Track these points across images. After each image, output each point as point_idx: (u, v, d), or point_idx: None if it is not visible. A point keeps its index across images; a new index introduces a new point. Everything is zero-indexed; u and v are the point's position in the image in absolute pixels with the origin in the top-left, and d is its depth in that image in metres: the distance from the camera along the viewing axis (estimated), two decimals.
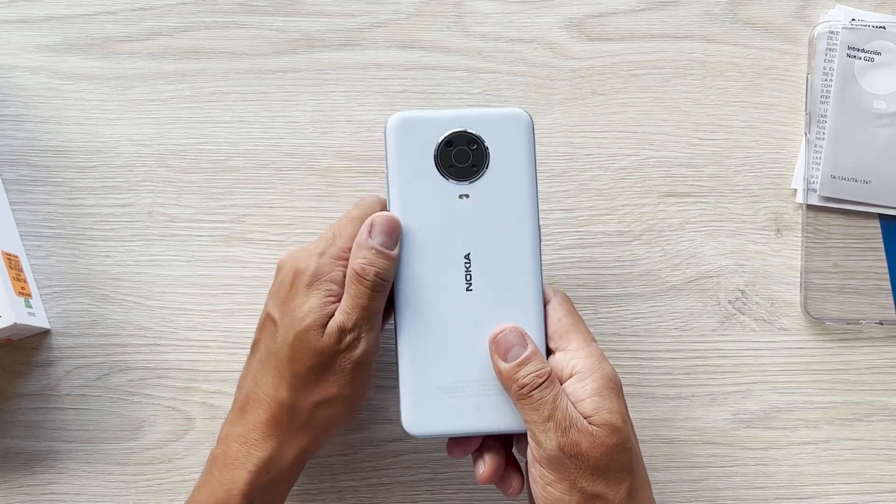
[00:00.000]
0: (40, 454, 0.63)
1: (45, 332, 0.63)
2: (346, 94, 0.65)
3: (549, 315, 0.54)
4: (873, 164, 0.63)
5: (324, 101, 0.65)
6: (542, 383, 0.52)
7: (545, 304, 0.55)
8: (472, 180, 0.54)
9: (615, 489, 0.51)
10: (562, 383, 0.52)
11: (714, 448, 0.63)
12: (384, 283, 0.53)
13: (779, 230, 0.64)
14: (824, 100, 0.63)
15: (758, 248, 0.64)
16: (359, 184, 0.64)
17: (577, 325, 0.54)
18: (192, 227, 0.64)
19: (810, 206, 0.63)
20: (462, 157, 0.54)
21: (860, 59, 0.63)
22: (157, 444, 0.63)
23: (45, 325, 0.63)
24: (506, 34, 0.65)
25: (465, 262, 0.54)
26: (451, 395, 0.54)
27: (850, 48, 0.63)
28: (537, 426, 0.51)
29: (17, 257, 0.62)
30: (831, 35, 0.63)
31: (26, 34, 0.65)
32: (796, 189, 0.64)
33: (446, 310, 0.54)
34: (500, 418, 0.54)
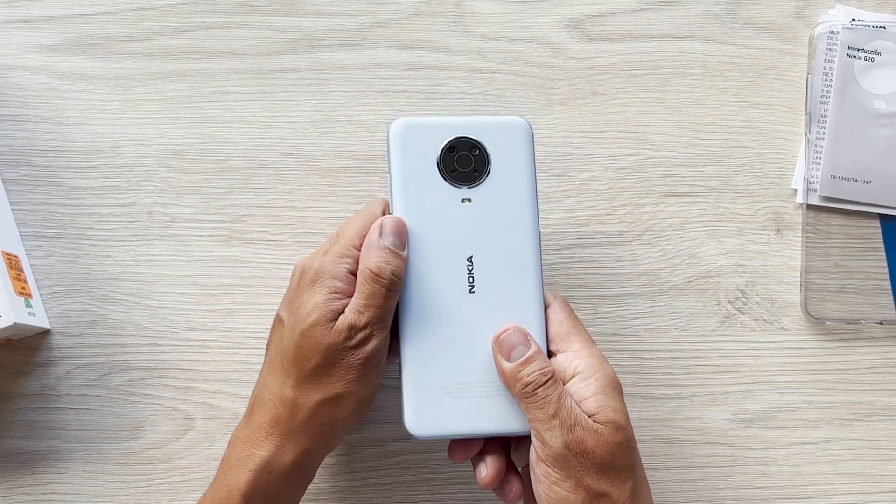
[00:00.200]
0: (40, 454, 0.63)
1: (45, 332, 0.63)
2: (346, 94, 0.65)
3: (550, 318, 0.55)
4: (873, 164, 0.63)
5: (324, 101, 0.65)
6: (547, 381, 0.52)
7: (546, 307, 0.55)
8: (474, 185, 0.54)
9: (620, 488, 0.51)
10: (565, 383, 0.53)
11: (714, 448, 0.63)
12: (399, 283, 0.53)
13: (779, 230, 0.64)
14: (824, 100, 0.63)
15: (758, 248, 0.64)
16: (359, 184, 0.64)
17: (578, 328, 0.54)
18: (192, 227, 0.64)
19: (810, 206, 0.63)
20: (464, 161, 0.54)
21: (860, 59, 0.63)
22: (157, 444, 0.63)
23: (45, 325, 0.63)
24: (506, 34, 0.65)
25: (468, 265, 0.54)
26: (454, 396, 0.54)
27: (850, 48, 0.63)
28: (542, 424, 0.51)
29: (17, 257, 0.62)
30: (831, 35, 0.63)
31: (26, 34, 0.65)
32: (796, 189, 0.64)
33: (449, 311, 0.54)
34: (504, 419, 0.54)
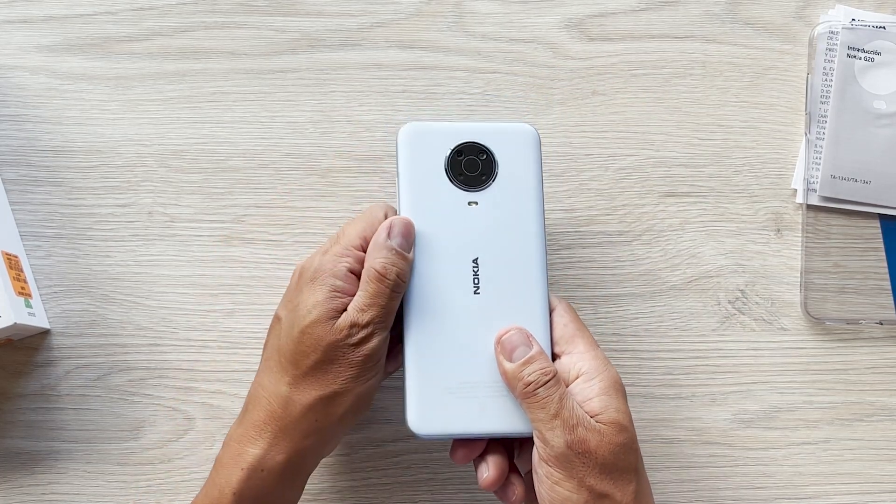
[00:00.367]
0: (40, 454, 0.63)
1: (45, 332, 0.63)
2: (346, 94, 0.65)
3: (554, 321, 0.55)
4: (873, 164, 0.63)
5: (324, 101, 0.65)
6: (548, 381, 0.52)
7: (550, 311, 0.55)
8: (481, 188, 0.55)
9: (623, 490, 0.51)
10: (568, 385, 0.53)
11: (714, 448, 0.63)
12: (403, 284, 0.53)
13: (779, 230, 0.64)
14: (824, 100, 0.63)
15: (758, 248, 0.64)
16: (359, 184, 0.64)
17: (583, 331, 0.54)
18: (192, 227, 0.64)
19: (810, 206, 0.63)
20: (472, 166, 0.55)
21: (860, 59, 0.63)
22: (157, 444, 0.63)
23: (45, 325, 0.63)
24: (506, 34, 0.65)
25: (473, 266, 0.54)
26: (458, 396, 0.54)
27: (850, 48, 0.63)
28: (544, 424, 0.51)
29: (17, 257, 0.62)
30: (831, 35, 0.63)
31: (26, 34, 0.65)
32: (796, 189, 0.64)
33: (454, 312, 0.54)
34: (506, 420, 0.54)
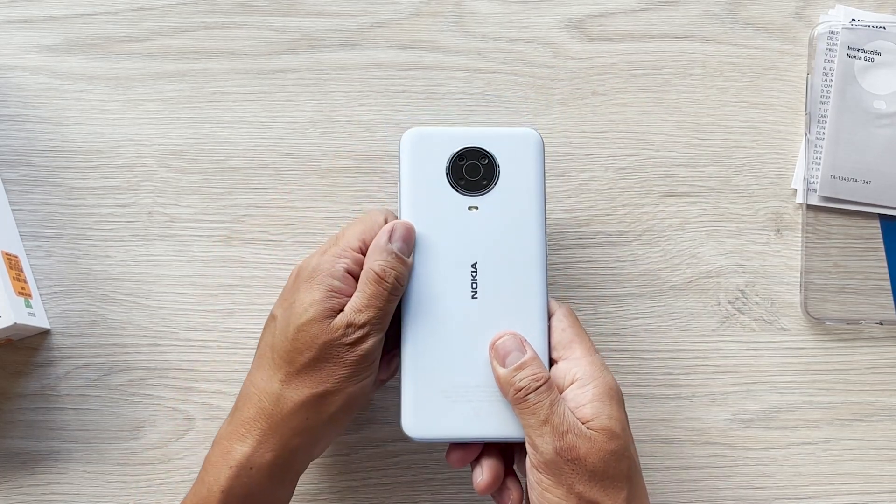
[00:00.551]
0: (40, 454, 0.63)
1: (45, 332, 0.63)
2: (346, 94, 0.65)
3: (553, 326, 0.55)
4: (873, 164, 0.63)
5: (324, 101, 0.65)
6: (539, 387, 0.52)
7: (550, 316, 0.55)
8: (481, 193, 0.55)
9: (613, 498, 0.51)
10: (563, 390, 0.53)
11: (714, 448, 0.63)
12: (401, 288, 0.54)
13: (779, 230, 0.64)
14: (824, 100, 0.63)
15: (758, 248, 0.64)
16: (358, 184, 0.64)
17: (581, 337, 0.54)
18: (192, 227, 0.64)
19: (810, 206, 0.63)
20: (473, 170, 0.55)
21: (860, 59, 0.63)
22: (157, 445, 0.63)
23: (45, 325, 0.63)
24: (506, 34, 0.65)
25: (472, 271, 0.54)
26: (453, 399, 0.54)
27: (850, 48, 0.63)
28: (534, 430, 0.51)
29: (17, 257, 0.62)
30: (831, 35, 0.63)
31: (26, 34, 0.65)
32: (796, 189, 0.64)
33: (451, 316, 0.54)
34: (500, 425, 0.54)
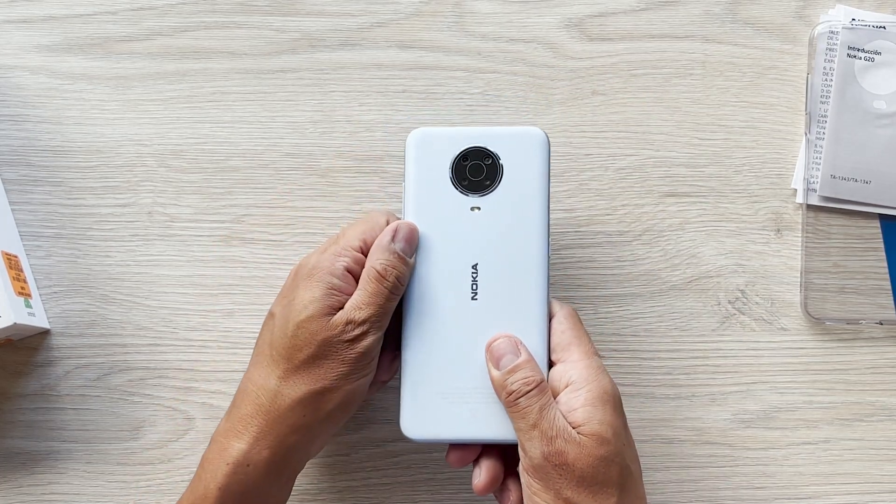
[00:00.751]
0: (40, 454, 0.63)
1: (45, 332, 0.63)
2: (346, 94, 0.65)
3: (553, 328, 0.54)
4: (873, 164, 0.63)
5: (324, 101, 0.65)
6: (529, 391, 0.51)
7: (551, 317, 0.55)
8: (484, 194, 0.55)
9: None
10: (559, 394, 0.52)
11: (714, 448, 0.63)
12: (401, 287, 0.54)
13: (779, 230, 0.64)
14: (824, 100, 0.63)
15: (758, 248, 0.64)
16: (358, 184, 0.64)
17: (580, 339, 0.54)
18: (192, 227, 0.64)
19: (810, 206, 0.63)
20: (476, 171, 0.55)
21: (860, 59, 0.63)
22: (157, 444, 0.63)
23: (45, 325, 0.63)
24: (506, 34, 0.65)
25: (472, 272, 0.54)
26: (450, 401, 0.54)
27: (850, 48, 0.63)
28: (524, 434, 0.51)
29: (17, 257, 0.62)
30: (831, 35, 0.63)
31: (26, 34, 0.65)
32: (796, 189, 0.64)
33: (451, 317, 0.54)
34: (497, 427, 0.54)
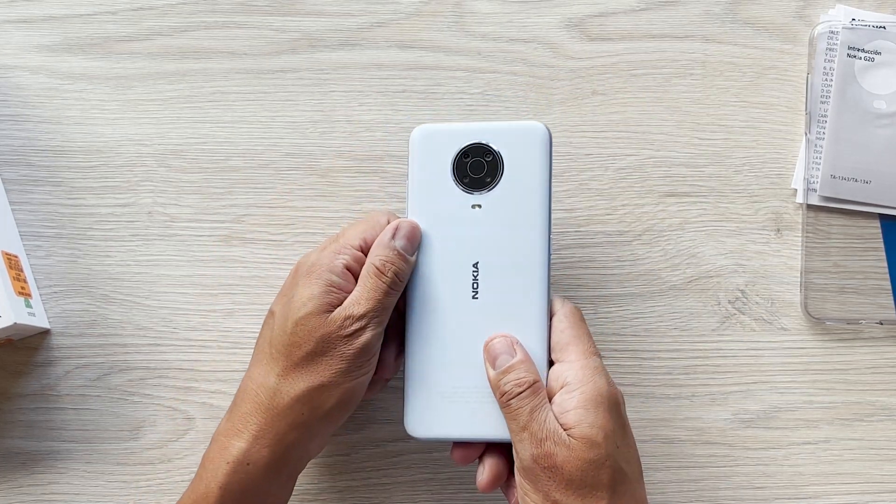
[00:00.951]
0: (40, 454, 0.63)
1: (45, 332, 0.63)
2: (346, 94, 0.65)
3: (553, 327, 0.54)
4: (873, 164, 0.63)
5: (324, 101, 0.65)
6: (521, 392, 0.51)
7: (552, 315, 0.54)
8: (485, 191, 0.55)
9: None
10: (554, 394, 0.52)
11: (714, 448, 0.63)
12: (400, 284, 0.54)
13: (779, 230, 0.64)
14: (824, 100, 0.63)
15: (758, 248, 0.64)
16: (358, 184, 0.64)
17: (579, 338, 0.53)
18: (192, 227, 0.64)
19: (810, 206, 0.63)
20: (477, 168, 0.55)
21: (860, 59, 0.63)
22: (157, 444, 0.63)
23: (45, 325, 0.63)
24: (506, 34, 0.65)
25: (473, 271, 0.54)
26: (452, 400, 0.54)
27: (850, 48, 0.63)
28: (515, 435, 0.51)
29: (17, 257, 0.62)
30: (831, 35, 0.63)
31: (26, 34, 0.65)
32: (796, 189, 0.64)
33: (452, 316, 0.54)
34: (496, 426, 0.53)
